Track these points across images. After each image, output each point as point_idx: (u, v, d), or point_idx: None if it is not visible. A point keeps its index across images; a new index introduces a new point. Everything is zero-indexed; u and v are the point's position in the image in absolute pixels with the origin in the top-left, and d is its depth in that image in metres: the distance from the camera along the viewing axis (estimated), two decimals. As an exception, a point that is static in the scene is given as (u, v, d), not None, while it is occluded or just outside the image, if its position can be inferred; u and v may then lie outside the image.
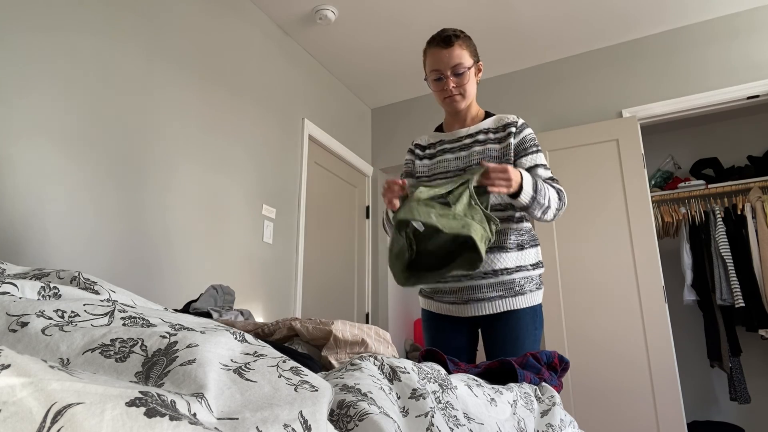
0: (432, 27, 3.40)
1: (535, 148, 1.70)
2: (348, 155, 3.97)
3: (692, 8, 3.28)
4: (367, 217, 4.19)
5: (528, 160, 1.68)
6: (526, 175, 1.56)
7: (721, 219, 3.62)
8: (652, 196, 3.90)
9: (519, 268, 1.68)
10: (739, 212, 3.63)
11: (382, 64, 3.82)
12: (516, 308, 1.66)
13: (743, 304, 3.37)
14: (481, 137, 1.74)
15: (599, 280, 3.15)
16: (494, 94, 3.94)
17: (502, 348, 1.66)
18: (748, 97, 3.17)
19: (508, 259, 1.68)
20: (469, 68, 1.69)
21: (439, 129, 1.89)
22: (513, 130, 1.70)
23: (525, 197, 1.55)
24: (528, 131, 1.72)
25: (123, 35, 2.30)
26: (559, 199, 1.67)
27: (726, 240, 3.55)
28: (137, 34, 2.37)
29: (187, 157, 2.54)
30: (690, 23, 3.41)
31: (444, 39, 1.67)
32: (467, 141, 1.76)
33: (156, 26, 2.48)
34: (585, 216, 3.28)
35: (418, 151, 1.87)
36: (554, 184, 1.69)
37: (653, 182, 4.14)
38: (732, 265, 3.47)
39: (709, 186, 3.89)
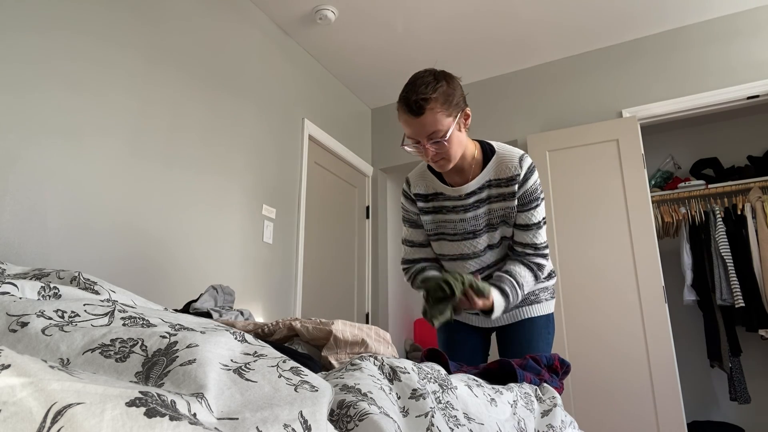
0: (432, 27, 3.40)
1: (534, 204, 1.56)
2: (348, 155, 3.97)
3: (692, 8, 3.28)
4: (367, 217, 4.19)
5: (523, 218, 1.57)
6: (498, 301, 1.51)
7: (721, 219, 3.62)
8: (652, 196, 3.90)
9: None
10: (739, 212, 3.63)
11: (382, 64, 3.82)
12: (532, 316, 1.73)
13: (743, 304, 3.37)
14: (484, 195, 1.58)
15: (599, 280, 3.15)
16: (495, 94, 3.94)
17: (516, 350, 1.72)
18: (748, 97, 3.17)
19: None
20: (448, 132, 1.45)
21: (433, 170, 1.68)
22: (515, 186, 1.55)
23: (497, 313, 1.54)
24: (531, 181, 1.56)
25: (123, 35, 2.30)
26: (535, 278, 1.61)
27: (726, 240, 3.55)
28: (137, 34, 2.37)
29: (187, 157, 2.54)
30: (690, 23, 3.41)
31: (412, 107, 1.43)
32: (471, 200, 1.59)
33: (156, 26, 2.48)
34: (585, 216, 3.28)
35: (421, 204, 1.69)
36: (532, 260, 1.60)
37: (653, 182, 4.14)
38: (732, 265, 3.47)
39: (709, 186, 3.89)
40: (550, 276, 1.77)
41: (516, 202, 1.55)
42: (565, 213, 3.33)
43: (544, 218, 1.60)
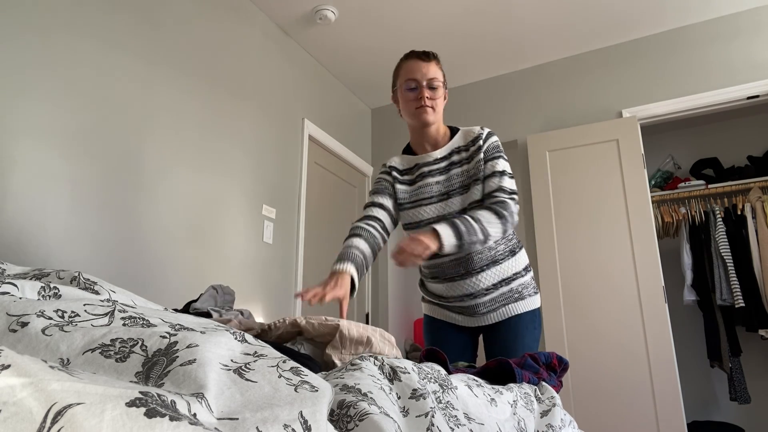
0: (432, 27, 3.40)
1: (496, 154, 1.69)
2: (348, 155, 3.97)
3: (692, 8, 3.28)
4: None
5: (488, 168, 1.68)
6: (443, 229, 1.51)
7: (721, 219, 3.62)
8: (652, 196, 3.90)
9: (516, 275, 1.74)
10: (739, 212, 3.63)
11: (382, 64, 3.82)
12: (518, 313, 1.74)
13: (743, 304, 3.37)
14: (455, 158, 1.73)
15: (599, 279, 3.15)
16: (495, 94, 3.94)
17: (502, 346, 1.72)
18: (748, 97, 3.17)
19: (504, 270, 1.72)
20: (443, 84, 1.72)
21: (408, 151, 1.83)
22: (480, 143, 1.70)
23: (449, 248, 1.51)
24: (492, 140, 1.72)
25: (122, 35, 2.30)
26: (499, 218, 1.59)
27: (726, 240, 3.55)
28: (137, 34, 2.37)
29: (187, 157, 2.54)
30: (690, 23, 3.41)
31: (423, 53, 1.71)
32: (443, 164, 1.74)
33: (155, 26, 2.48)
34: (585, 216, 3.28)
35: (395, 174, 1.81)
36: (495, 201, 1.63)
37: (653, 182, 4.14)
38: (732, 265, 3.47)
39: (709, 186, 3.89)
40: (527, 269, 1.78)
41: (482, 156, 1.69)
42: (565, 213, 3.33)
43: (509, 171, 1.69)
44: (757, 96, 3.16)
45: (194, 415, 0.41)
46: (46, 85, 1.96)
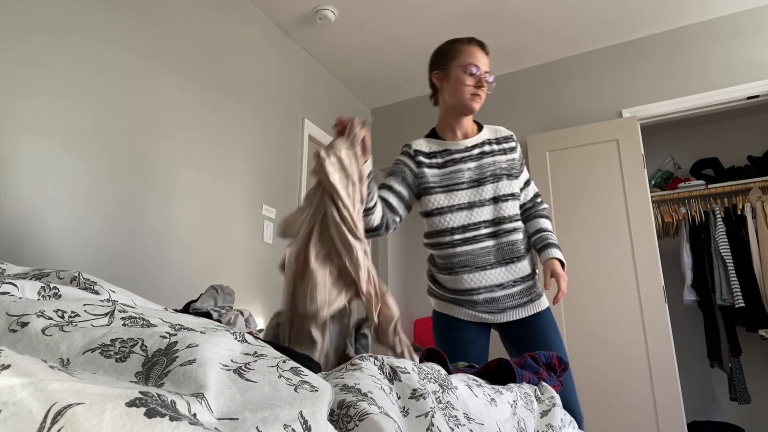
0: (431, 27, 3.40)
1: (524, 164, 1.90)
2: (348, 155, 3.97)
3: (692, 8, 3.28)
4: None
5: (523, 176, 1.87)
6: (557, 253, 1.75)
7: (721, 219, 3.62)
8: (652, 196, 3.90)
9: (533, 272, 1.79)
10: (739, 212, 3.63)
11: (382, 64, 3.82)
12: (540, 311, 1.78)
13: (743, 304, 3.36)
14: (486, 148, 1.79)
15: (599, 280, 3.15)
16: (495, 94, 3.94)
17: (534, 345, 1.74)
18: (748, 97, 3.17)
19: (526, 266, 1.76)
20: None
21: (433, 135, 1.83)
22: (513, 144, 1.83)
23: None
24: (519, 146, 1.88)
25: (123, 36, 2.30)
26: (550, 221, 1.90)
27: (726, 240, 3.55)
28: (137, 34, 2.37)
29: (187, 157, 2.54)
30: (690, 23, 3.41)
31: (483, 44, 1.77)
32: (475, 152, 1.78)
33: (155, 27, 2.48)
34: (585, 216, 3.28)
35: (420, 157, 1.77)
36: (544, 206, 1.91)
37: (653, 182, 4.14)
38: (732, 265, 3.47)
39: (709, 186, 3.89)
40: (535, 270, 1.85)
41: (516, 157, 1.82)
42: (565, 213, 3.33)
43: None
44: (757, 96, 3.16)
45: (194, 415, 0.41)
46: (46, 85, 1.96)
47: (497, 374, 1.28)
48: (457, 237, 1.71)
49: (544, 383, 1.26)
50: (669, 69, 3.40)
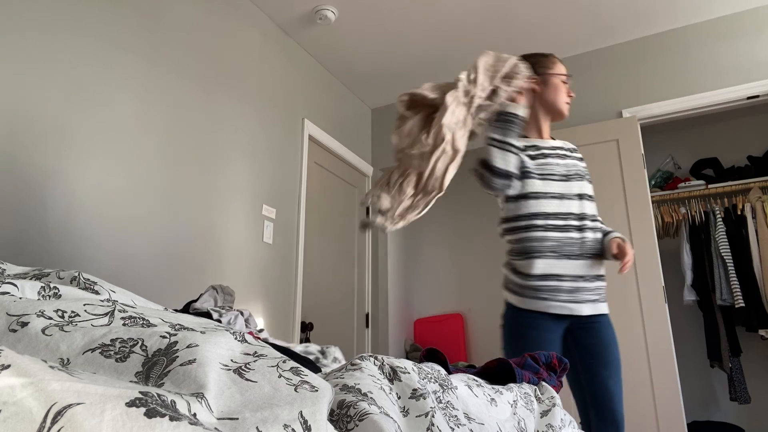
0: (431, 27, 3.40)
1: None
2: (348, 155, 3.97)
3: (693, 8, 3.28)
4: (367, 216, 4.18)
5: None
6: (620, 234, 1.88)
7: (721, 219, 3.62)
8: (652, 196, 3.90)
9: (604, 274, 1.90)
10: (739, 212, 3.63)
11: (382, 64, 3.82)
12: (607, 312, 1.88)
13: (743, 304, 3.37)
14: (567, 152, 1.96)
15: (599, 280, 3.15)
16: (494, 94, 3.93)
17: (599, 350, 1.82)
18: (748, 97, 3.17)
19: (601, 266, 1.88)
20: None
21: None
22: (580, 156, 2.00)
23: None
24: None
25: (122, 35, 2.30)
26: None
27: (726, 240, 3.55)
28: (137, 34, 2.37)
29: (186, 156, 2.54)
30: (690, 23, 3.41)
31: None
32: (560, 152, 1.94)
33: (155, 26, 2.48)
34: (585, 216, 3.28)
35: (519, 145, 1.96)
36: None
37: (653, 182, 4.14)
38: (732, 265, 3.47)
39: (709, 186, 3.89)
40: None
41: (583, 166, 1.97)
42: (565, 213, 3.33)
43: None
44: (757, 96, 3.16)
45: (194, 415, 0.41)
46: (46, 84, 1.96)
47: (497, 374, 1.28)
48: (550, 222, 1.82)
49: (544, 383, 1.26)
50: (669, 69, 3.40)
